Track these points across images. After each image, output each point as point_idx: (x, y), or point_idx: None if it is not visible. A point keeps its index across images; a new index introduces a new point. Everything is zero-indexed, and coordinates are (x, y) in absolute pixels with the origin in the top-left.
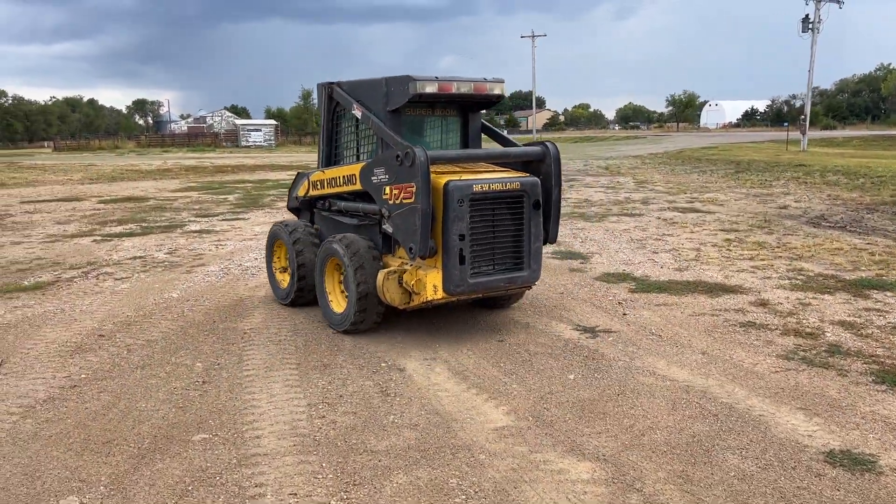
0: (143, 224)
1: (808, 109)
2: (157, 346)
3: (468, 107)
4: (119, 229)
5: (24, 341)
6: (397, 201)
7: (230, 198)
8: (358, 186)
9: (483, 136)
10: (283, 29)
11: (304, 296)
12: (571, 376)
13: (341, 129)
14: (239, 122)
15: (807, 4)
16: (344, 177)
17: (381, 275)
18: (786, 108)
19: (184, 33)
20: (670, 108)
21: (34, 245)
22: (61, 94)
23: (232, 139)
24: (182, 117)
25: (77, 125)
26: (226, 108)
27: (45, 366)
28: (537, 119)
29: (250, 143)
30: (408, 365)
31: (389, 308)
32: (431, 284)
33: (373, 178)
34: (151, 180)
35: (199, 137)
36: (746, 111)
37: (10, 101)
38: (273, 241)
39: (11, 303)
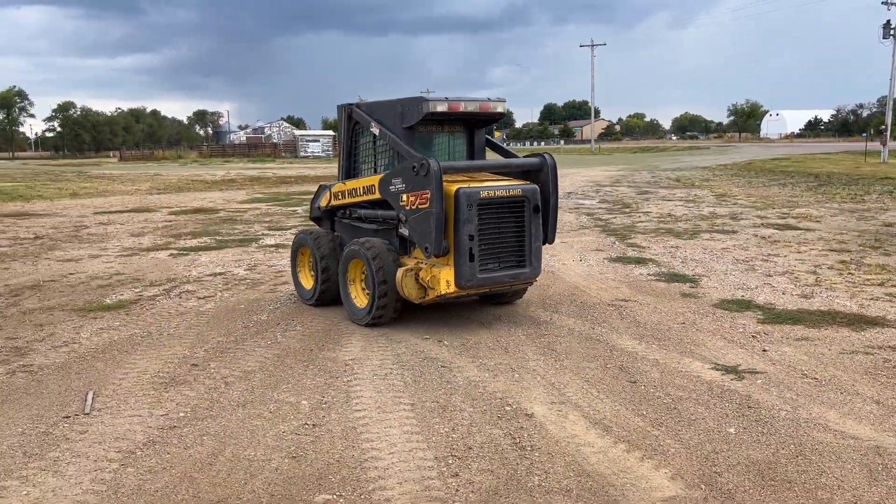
0: (217, 237)
1: (888, 120)
2: (255, 378)
3: (473, 123)
4: (194, 242)
5: (114, 370)
6: (413, 207)
7: (299, 210)
8: (376, 195)
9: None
10: (338, 42)
11: (327, 296)
12: (732, 430)
13: (359, 145)
14: (298, 132)
15: (889, 10)
16: (363, 187)
17: (399, 272)
18: (852, 118)
19: (242, 46)
20: (731, 117)
21: (112, 259)
22: (126, 106)
23: (291, 149)
24: (240, 128)
25: (141, 135)
26: (283, 119)
27: (140, 401)
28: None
29: (308, 154)
30: (535, 409)
31: (407, 303)
32: (444, 280)
33: (390, 187)
34: (217, 191)
35: (258, 148)
36: (809, 121)
37: (78, 113)
38: (298, 247)
39: (96, 324)
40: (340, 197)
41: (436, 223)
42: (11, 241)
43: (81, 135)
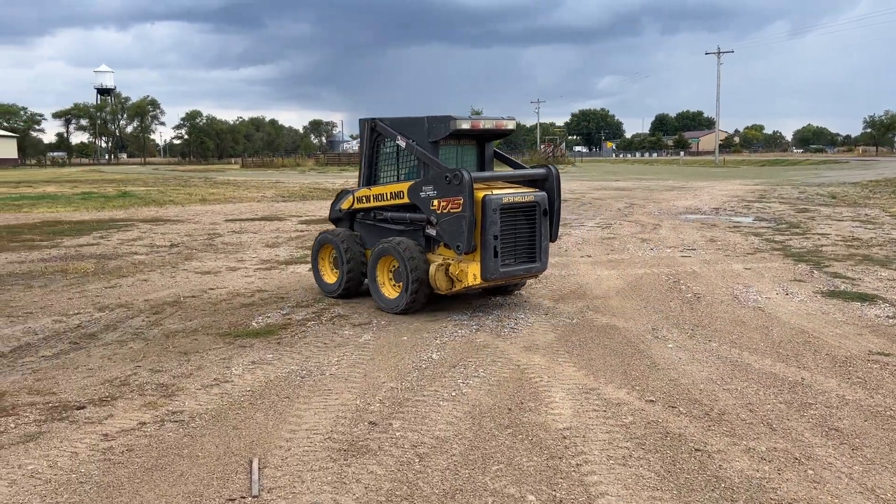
0: None
1: None
2: (453, 449)
3: (485, 138)
4: None
5: (278, 425)
6: (445, 211)
7: None
8: (405, 200)
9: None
10: (444, 53)
11: (351, 289)
12: None
13: (380, 155)
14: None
15: None
16: (391, 193)
17: (432, 267)
18: None
19: (353, 58)
20: (868, 129)
21: (251, 272)
22: (246, 115)
23: None
24: (352, 137)
25: (260, 143)
26: None
27: (317, 477)
28: (709, 140)
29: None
30: None
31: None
32: (472, 273)
33: (421, 193)
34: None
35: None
36: None
37: (204, 121)
38: (320, 246)
39: (246, 355)
40: (365, 201)
41: (468, 225)
42: (149, 249)
43: (206, 142)
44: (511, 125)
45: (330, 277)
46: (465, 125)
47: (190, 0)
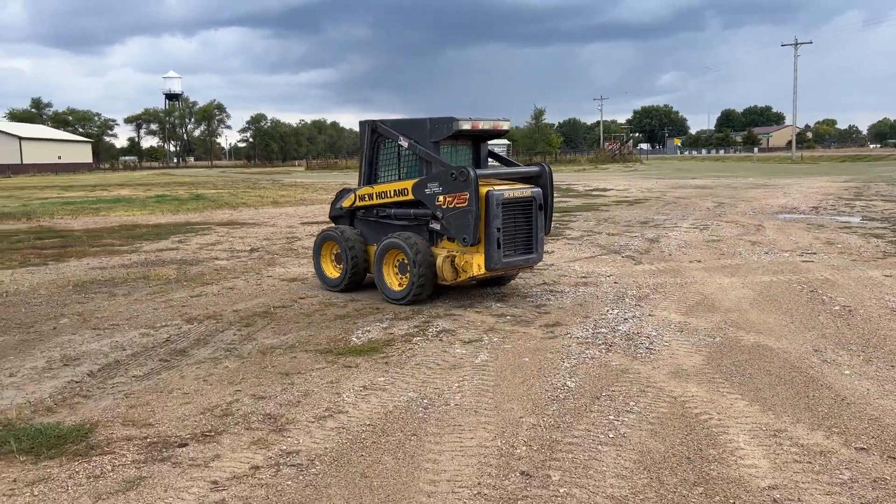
0: None
1: None
2: None
3: (480, 139)
4: None
5: (414, 475)
6: (450, 206)
7: None
8: (409, 197)
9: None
10: (501, 53)
11: (355, 282)
12: None
13: (380, 155)
14: None
15: None
16: (395, 190)
17: (439, 259)
18: None
19: (411, 60)
20: None
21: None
22: (308, 118)
23: None
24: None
25: (322, 145)
26: None
27: None
28: (781, 136)
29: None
30: None
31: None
32: (476, 264)
33: (426, 190)
34: None
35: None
36: None
37: (268, 124)
38: (323, 242)
39: (354, 377)
40: (367, 199)
41: (473, 219)
42: (229, 254)
43: (270, 144)
44: (506, 126)
45: (332, 272)
46: (467, 126)
47: (252, 6)
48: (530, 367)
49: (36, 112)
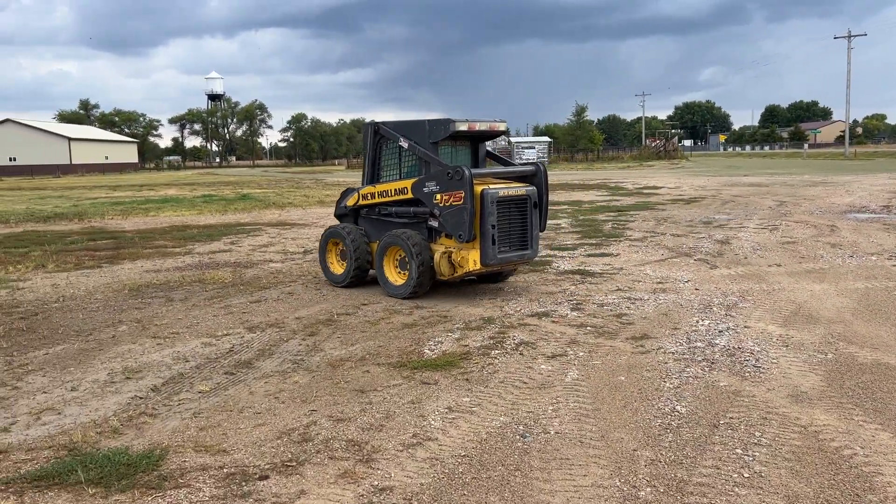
0: None
1: None
2: None
3: (477, 139)
4: None
5: None
6: (447, 204)
7: (562, 223)
8: (409, 196)
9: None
10: (540, 49)
11: (358, 277)
12: None
13: (383, 155)
14: (514, 139)
15: None
16: (395, 189)
17: (437, 255)
18: None
19: (447, 58)
20: None
21: None
22: (346, 118)
23: (506, 156)
24: None
25: (361, 144)
26: None
27: None
28: (829, 132)
29: (524, 160)
30: None
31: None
32: (472, 259)
33: (424, 189)
34: None
35: None
36: None
37: (309, 124)
38: (328, 239)
39: (437, 396)
40: (370, 197)
41: (469, 216)
42: (283, 256)
43: (311, 144)
44: (503, 127)
45: (337, 269)
46: (464, 127)
47: (291, 7)
48: (629, 387)
49: (84, 113)
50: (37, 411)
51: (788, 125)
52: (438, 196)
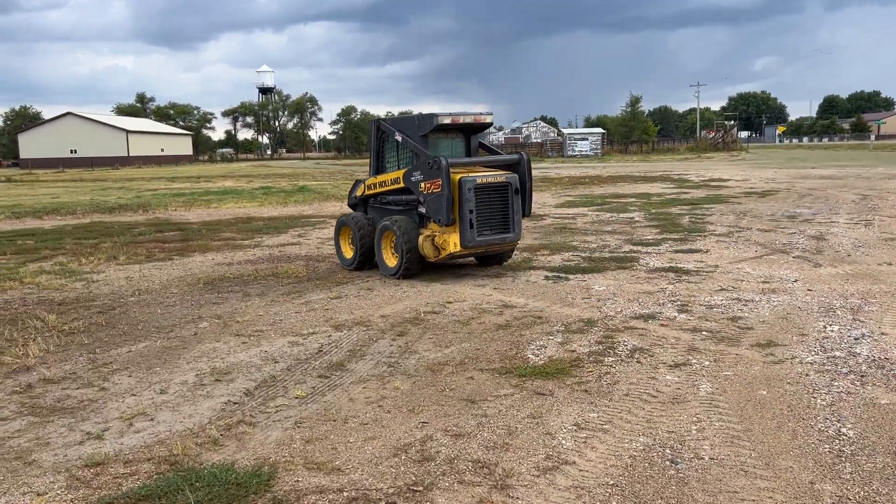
0: (577, 252)
1: None
2: None
3: (469, 131)
4: (557, 261)
5: None
6: (429, 191)
7: (635, 216)
8: (401, 185)
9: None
10: (588, 40)
11: (364, 262)
12: None
13: (385, 149)
14: (567, 131)
15: None
16: (391, 179)
17: (420, 238)
18: None
19: (495, 50)
20: None
21: (478, 279)
22: (395, 110)
23: (557, 149)
24: (497, 129)
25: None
26: (538, 119)
27: None
28: (894, 123)
29: (576, 153)
30: None
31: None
32: (453, 242)
33: (412, 178)
34: None
35: (523, 148)
36: None
37: (358, 116)
38: (340, 227)
39: (558, 410)
40: (373, 188)
41: (446, 202)
42: None
43: (360, 136)
44: (489, 119)
45: (348, 253)
46: (447, 120)
47: (339, 1)
48: (775, 403)
49: (140, 106)
50: (128, 416)
51: (849, 116)
52: (423, 184)
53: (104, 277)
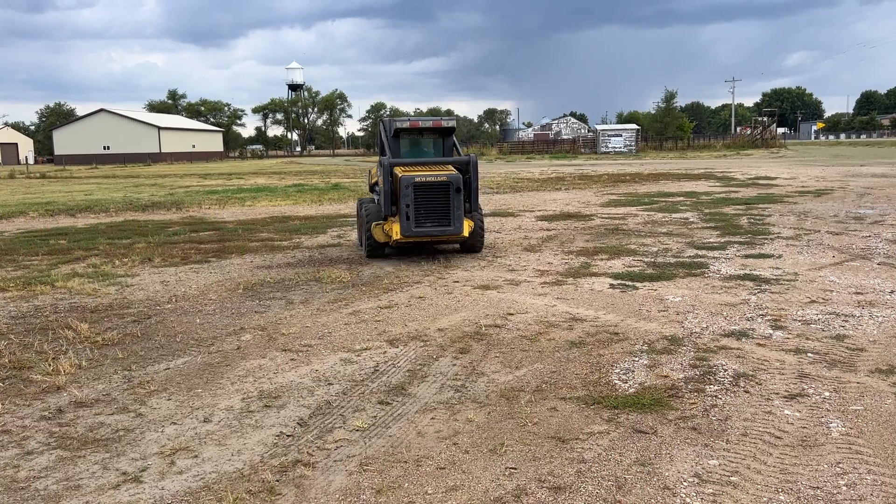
0: (638, 257)
1: None
2: None
3: (443, 133)
4: (618, 266)
5: None
6: (380, 186)
7: (689, 216)
8: (375, 178)
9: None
10: (618, 35)
11: (375, 248)
12: None
13: (385, 145)
14: (600, 127)
15: None
16: (373, 172)
17: (373, 225)
18: None
19: (523, 46)
20: None
21: (539, 288)
22: (423, 107)
23: (590, 145)
24: (526, 125)
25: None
26: (568, 115)
27: None
28: None
29: (610, 150)
30: None
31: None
32: (395, 230)
33: (378, 173)
34: (556, 191)
35: (556, 144)
36: None
37: (388, 113)
38: (357, 210)
39: (665, 454)
40: (371, 177)
41: (385, 196)
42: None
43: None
44: (449, 123)
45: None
46: (405, 125)
47: None
48: None
49: (172, 103)
50: (169, 451)
51: (887, 112)
52: (378, 179)
53: (138, 281)
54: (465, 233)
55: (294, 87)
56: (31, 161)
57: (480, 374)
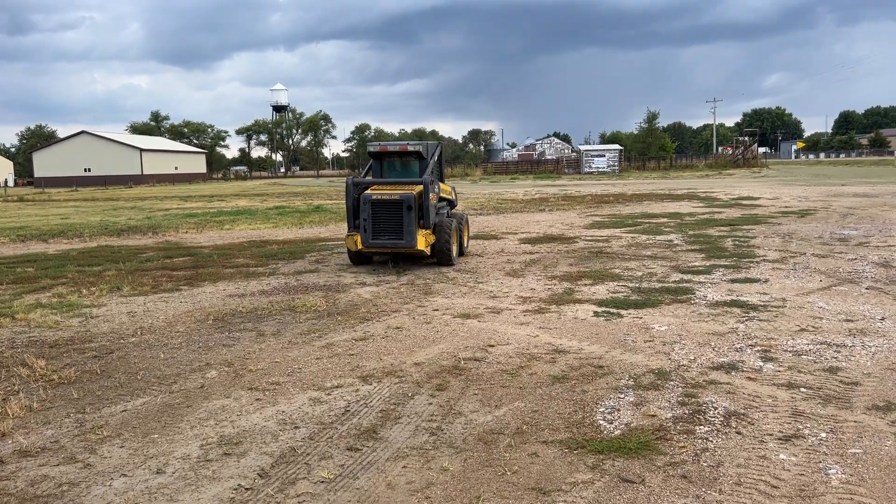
0: (623, 282)
1: None
2: None
3: (418, 156)
4: (602, 292)
5: None
6: (347, 203)
7: (673, 239)
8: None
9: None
10: (600, 58)
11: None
12: None
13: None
14: (583, 147)
15: None
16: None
17: (346, 236)
18: None
19: (506, 68)
20: None
21: (521, 317)
22: (408, 128)
23: (573, 165)
24: (510, 145)
25: None
26: (551, 136)
27: None
28: None
29: (593, 170)
30: None
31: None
32: (358, 242)
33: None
34: (539, 212)
35: (540, 165)
36: None
37: (372, 134)
38: None
39: None
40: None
41: (348, 212)
42: (376, 279)
43: None
44: (415, 148)
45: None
46: (375, 149)
47: (350, 19)
48: None
49: (155, 125)
50: None
51: (865, 131)
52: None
53: (105, 312)
54: (421, 246)
55: (278, 109)
56: (10, 183)
57: (458, 413)
